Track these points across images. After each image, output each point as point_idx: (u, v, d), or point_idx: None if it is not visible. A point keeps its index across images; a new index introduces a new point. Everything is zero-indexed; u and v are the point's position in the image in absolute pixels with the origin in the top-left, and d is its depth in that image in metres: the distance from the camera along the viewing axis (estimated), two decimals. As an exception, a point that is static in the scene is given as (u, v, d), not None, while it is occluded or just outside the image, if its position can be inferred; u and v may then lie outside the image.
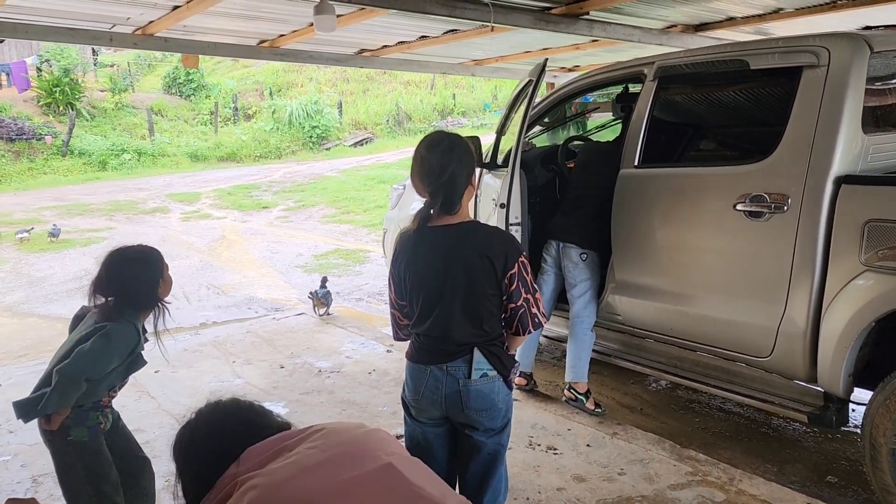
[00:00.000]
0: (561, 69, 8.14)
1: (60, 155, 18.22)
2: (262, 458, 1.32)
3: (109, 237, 10.49)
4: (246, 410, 1.49)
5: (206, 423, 1.45)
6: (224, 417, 1.46)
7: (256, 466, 1.29)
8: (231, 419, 1.45)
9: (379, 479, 1.28)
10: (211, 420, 1.45)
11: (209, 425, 1.44)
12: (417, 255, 2.17)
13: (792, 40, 3.19)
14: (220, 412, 1.47)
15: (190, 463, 1.41)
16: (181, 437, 1.45)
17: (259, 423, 1.45)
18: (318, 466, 1.27)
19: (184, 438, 1.44)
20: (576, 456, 3.43)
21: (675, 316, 3.56)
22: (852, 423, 3.37)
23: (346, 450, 1.34)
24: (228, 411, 1.48)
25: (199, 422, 1.46)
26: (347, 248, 9.59)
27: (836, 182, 2.88)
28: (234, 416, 1.46)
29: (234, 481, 1.28)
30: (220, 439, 1.40)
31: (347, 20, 4.92)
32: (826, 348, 2.92)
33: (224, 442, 1.39)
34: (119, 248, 2.45)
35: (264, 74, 25.86)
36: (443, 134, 2.21)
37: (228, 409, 1.48)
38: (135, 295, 2.37)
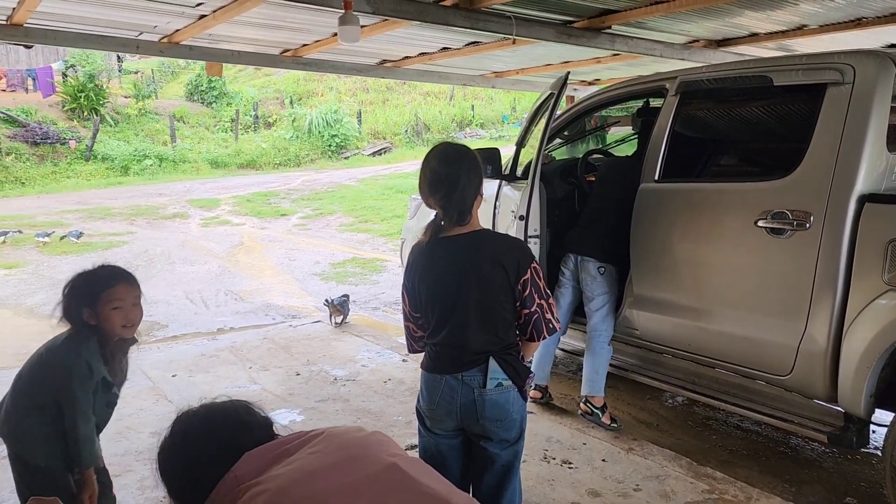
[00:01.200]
0: (581, 82, 8.15)
1: (84, 159, 18.47)
2: (261, 463, 1.30)
3: (130, 241, 10.61)
4: (236, 410, 1.45)
5: (200, 423, 1.41)
6: (217, 418, 1.42)
7: (256, 472, 1.28)
8: (224, 420, 1.42)
9: (386, 479, 1.28)
10: (205, 420, 1.41)
11: (204, 425, 1.40)
12: (431, 267, 2.18)
13: (816, 57, 3.17)
14: (213, 412, 1.44)
15: (183, 467, 1.37)
16: (173, 441, 1.40)
17: (249, 422, 1.43)
18: (323, 470, 1.27)
19: (174, 442, 1.39)
20: (591, 470, 3.41)
21: (693, 332, 3.54)
22: (873, 444, 3.32)
23: (349, 453, 1.33)
24: (221, 411, 1.45)
25: (190, 423, 1.41)
26: (364, 257, 9.62)
27: (860, 200, 2.86)
28: (226, 417, 1.43)
29: (237, 488, 1.26)
30: (214, 441, 1.37)
31: (370, 31, 4.96)
32: (847, 368, 2.89)
33: (219, 444, 1.36)
34: (101, 264, 2.36)
35: (285, 83, 26.10)
36: (450, 145, 2.23)
37: (220, 409, 1.45)
38: (66, 309, 2.26)
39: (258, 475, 1.27)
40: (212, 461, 1.33)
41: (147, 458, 3.58)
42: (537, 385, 4.16)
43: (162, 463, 1.39)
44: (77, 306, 2.24)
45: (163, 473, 1.39)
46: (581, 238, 3.99)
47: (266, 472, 1.27)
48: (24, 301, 7.35)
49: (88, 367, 2.24)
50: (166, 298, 7.33)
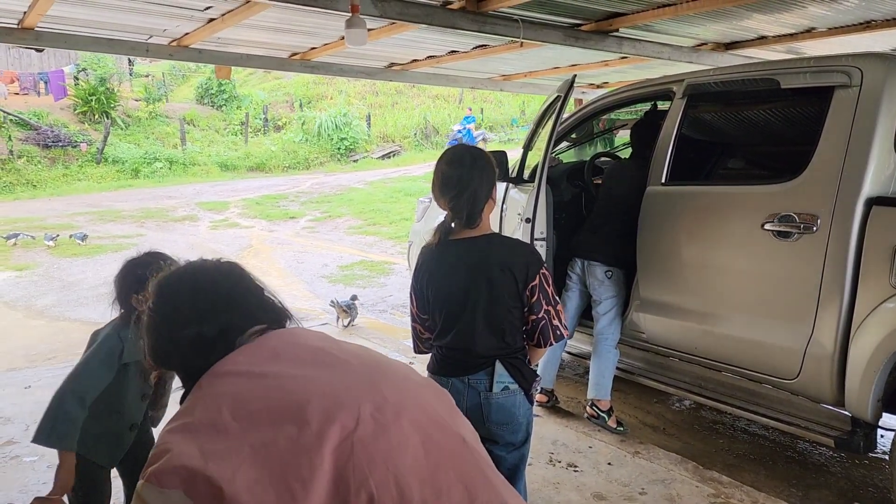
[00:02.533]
0: (589, 85, 8.15)
1: (95, 162, 18.59)
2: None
3: (140, 243, 10.66)
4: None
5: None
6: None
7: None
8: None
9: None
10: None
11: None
12: (440, 269, 2.19)
13: (824, 60, 3.16)
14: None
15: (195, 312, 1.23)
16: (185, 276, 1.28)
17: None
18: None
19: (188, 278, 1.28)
20: (596, 474, 3.40)
21: (700, 335, 3.53)
22: (881, 448, 3.30)
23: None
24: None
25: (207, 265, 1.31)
26: (372, 259, 9.64)
27: (867, 203, 2.85)
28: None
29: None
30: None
31: (378, 34, 4.98)
32: (854, 372, 2.87)
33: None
34: (149, 250, 2.38)
35: (295, 86, 26.20)
36: (463, 148, 2.24)
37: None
38: (117, 296, 2.30)
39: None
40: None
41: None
42: (543, 389, 4.15)
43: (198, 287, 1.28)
44: (127, 292, 2.27)
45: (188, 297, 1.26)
46: (587, 242, 3.99)
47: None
48: (35, 303, 7.40)
49: (122, 346, 2.26)
50: (175, 300, 7.35)
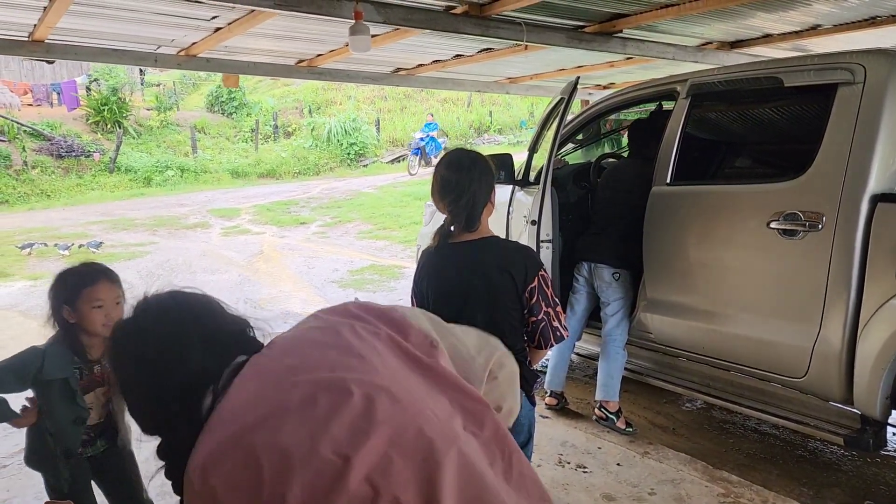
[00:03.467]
0: (596, 86, 8.15)
1: (108, 171, 18.74)
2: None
3: (152, 251, 10.75)
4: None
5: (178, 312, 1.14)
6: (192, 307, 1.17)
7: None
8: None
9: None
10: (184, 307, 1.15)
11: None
12: (439, 272, 2.21)
13: (827, 57, 3.16)
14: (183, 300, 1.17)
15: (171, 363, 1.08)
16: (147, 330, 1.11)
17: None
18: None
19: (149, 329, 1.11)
20: (605, 475, 3.41)
21: (707, 335, 3.52)
22: (892, 446, 3.28)
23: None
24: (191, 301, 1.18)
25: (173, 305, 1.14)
26: (383, 263, 9.66)
27: (873, 200, 2.84)
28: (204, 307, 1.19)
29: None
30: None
31: (382, 40, 5.01)
32: (862, 370, 2.87)
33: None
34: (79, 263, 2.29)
35: (304, 93, 26.31)
36: (462, 152, 2.25)
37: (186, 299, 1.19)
38: (51, 310, 2.19)
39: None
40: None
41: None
42: (553, 391, 4.16)
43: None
44: (58, 304, 2.16)
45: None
46: (593, 245, 3.99)
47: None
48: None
49: (41, 361, 2.14)
50: (187, 307, 7.41)
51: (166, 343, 1.09)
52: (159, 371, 1.07)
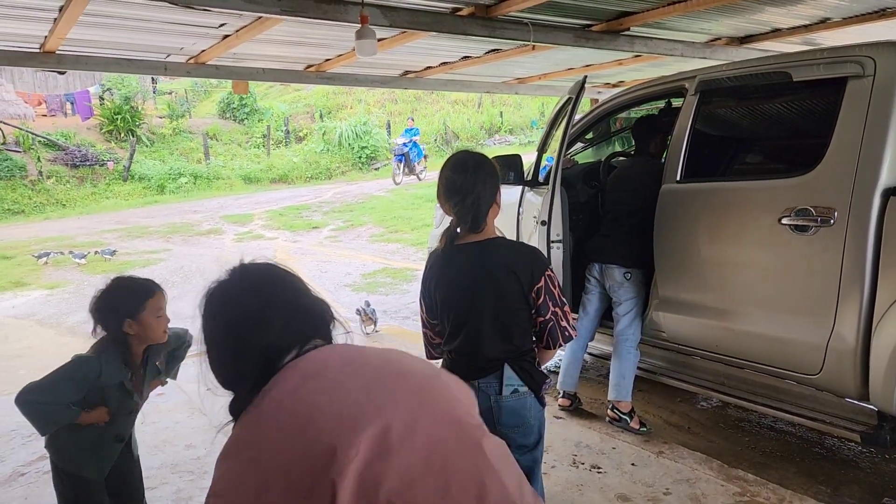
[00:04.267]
0: (605, 85, 8.12)
1: (122, 180, 18.92)
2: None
3: (166, 258, 10.83)
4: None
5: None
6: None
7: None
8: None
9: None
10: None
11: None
12: (446, 274, 2.21)
13: (835, 50, 3.13)
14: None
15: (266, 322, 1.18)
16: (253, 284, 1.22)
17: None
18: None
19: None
20: (620, 475, 3.39)
21: (720, 332, 3.50)
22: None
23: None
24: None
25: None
26: (395, 266, 9.68)
27: (885, 194, 2.81)
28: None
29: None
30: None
31: (389, 43, 5.02)
32: (878, 365, 2.83)
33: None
34: (118, 276, 2.41)
35: (315, 97, 26.42)
36: (467, 154, 2.25)
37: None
38: (104, 324, 2.33)
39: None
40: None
41: (182, 471, 3.67)
42: (566, 392, 4.14)
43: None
44: (119, 318, 2.30)
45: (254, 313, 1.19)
46: (603, 245, 3.98)
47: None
48: (66, 320, 7.56)
49: (99, 370, 2.29)
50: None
51: (254, 309, 1.18)
52: (243, 333, 1.17)
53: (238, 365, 1.17)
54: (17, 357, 6.16)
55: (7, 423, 4.29)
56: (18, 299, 8.76)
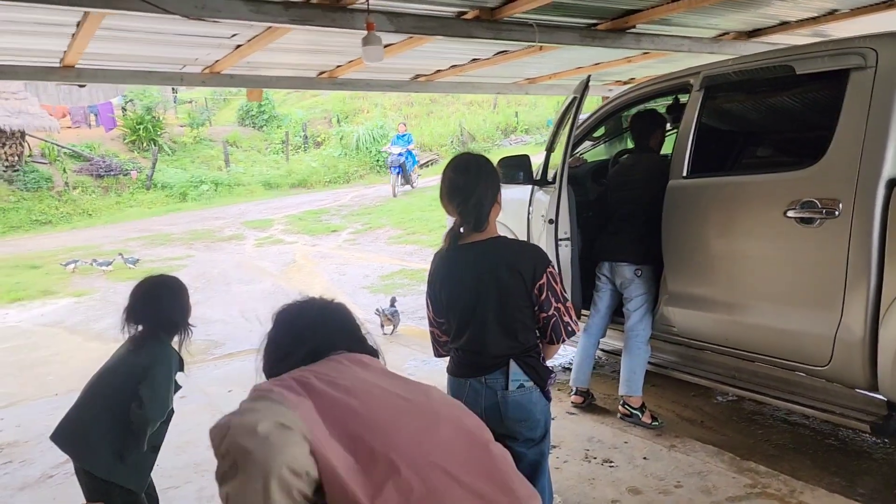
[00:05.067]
0: (616, 82, 8.12)
1: (145, 188, 19.23)
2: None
3: (189, 264, 11.01)
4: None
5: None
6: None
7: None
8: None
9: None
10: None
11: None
12: (451, 273, 2.27)
13: (838, 43, 3.15)
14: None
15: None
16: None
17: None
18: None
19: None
20: (632, 469, 3.42)
21: (729, 326, 3.52)
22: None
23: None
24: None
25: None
26: (412, 268, 9.75)
27: (889, 185, 2.83)
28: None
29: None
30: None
31: (398, 48, 5.09)
32: (886, 355, 2.84)
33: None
34: (148, 278, 2.58)
35: (332, 103, 26.62)
36: (469, 156, 2.32)
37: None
38: (169, 320, 2.50)
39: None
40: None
41: (204, 470, 3.76)
42: (578, 389, 4.16)
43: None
44: (185, 306, 2.54)
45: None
46: (611, 244, 4.00)
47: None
48: (93, 327, 7.73)
49: (181, 360, 2.51)
50: (223, 318, 7.60)
51: (296, 329, 1.63)
52: (285, 343, 1.61)
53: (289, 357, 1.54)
54: (46, 364, 6.33)
55: (35, 427, 4.43)
56: (47, 307, 8.97)
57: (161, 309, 2.49)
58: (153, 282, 2.55)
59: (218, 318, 7.54)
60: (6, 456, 4.19)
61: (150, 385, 2.35)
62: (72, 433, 2.47)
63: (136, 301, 2.49)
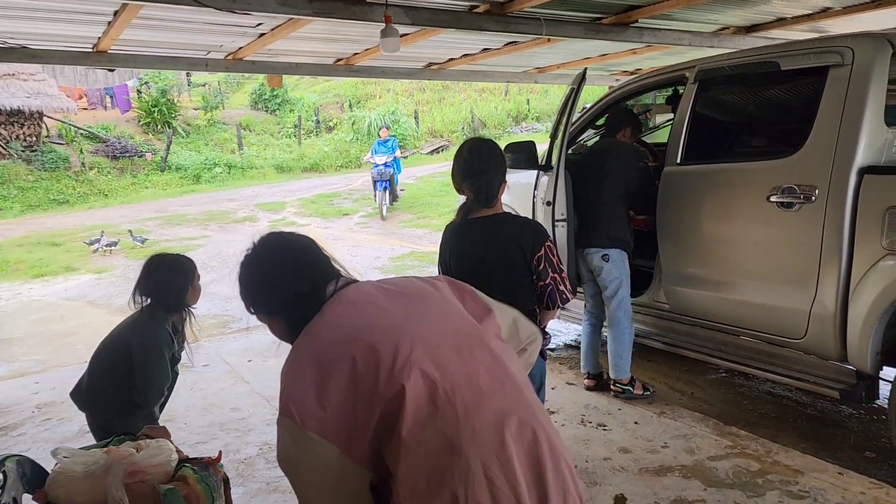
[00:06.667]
0: (623, 73, 8.36)
1: (159, 170, 19.54)
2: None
3: (205, 244, 11.35)
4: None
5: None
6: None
7: None
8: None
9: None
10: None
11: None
12: (460, 243, 2.59)
13: (819, 42, 3.41)
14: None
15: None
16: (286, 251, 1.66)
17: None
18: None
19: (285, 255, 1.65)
20: (624, 432, 3.72)
21: (717, 303, 3.80)
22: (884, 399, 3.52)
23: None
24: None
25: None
26: (422, 250, 10.05)
27: (860, 173, 3.09)
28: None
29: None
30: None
31: (413, 38, 5.36)
32: (854, 328, 3.12)
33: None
34: (158, 254, 2.73)
35: (344, 88, 26.82)
36: (480, 140, 2.65)
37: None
38: (166, 298, 2.62)
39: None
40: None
41: (229, 429, 4.09)
42: (590, 373, 4.29)
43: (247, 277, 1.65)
44: (185, 287, 2.65)
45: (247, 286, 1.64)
46: (581, 232, 4.08)
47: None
48: (115, 301, 8.07)
49: (171, 339, 2.64)
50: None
51: (271, 268, 1.63)
52: (298, 270, 1.62)
53: (297, 288, 1.57)
54: (74, 334, 6.68)
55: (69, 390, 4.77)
56: (70, 283, 9.33)
57: (157, 286, 2.61)
58: (156, 259, 2.68)
59: (235, 295, 7.77)
60: (45, 414, 4.53)
61: (143, 375, 2.55)
62: (86, 399, 2.74)
63: (140, 276, 2.65)
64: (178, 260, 2.70)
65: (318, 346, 1.44)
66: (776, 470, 3.19)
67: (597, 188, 4.02)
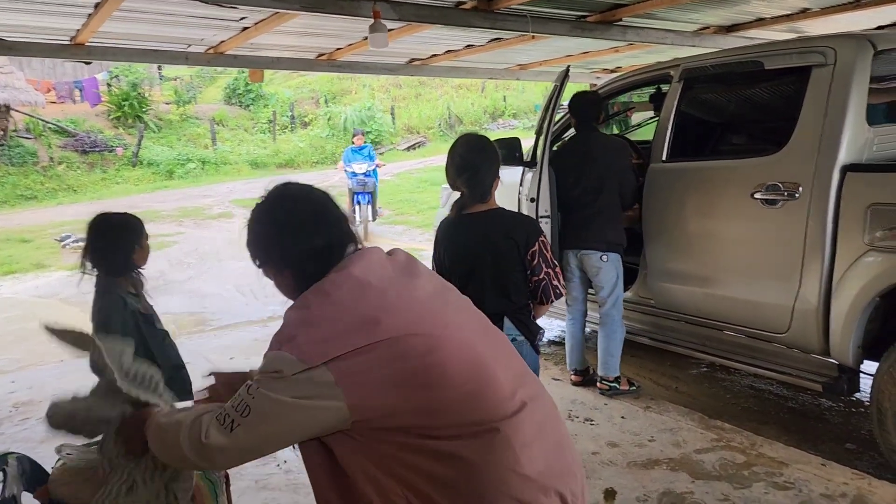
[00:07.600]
0: (604, 70, 8.42)
1: (131, 165, 19.24)
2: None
3: (180, 241, 11.21)
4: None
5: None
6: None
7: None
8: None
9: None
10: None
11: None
12: (455, 238, 2.60)
13: (802, 42, 3.48)
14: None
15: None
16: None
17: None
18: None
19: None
20: (611, 426, 3.76)
21: (701, 298, 3.86)
22: (865, 391, 3.60)
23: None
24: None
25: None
26: (402, 247, 10.03)
27: (843, 170, 3.16)
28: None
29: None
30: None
31: (398, 34, 5.35)
32: (836, 322, 3.20)
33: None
34: (102, 214, 2.47)
35: (319, 83, 26.62)
36: (475, 136, 2.67)
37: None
38: (114, 261, 2.42)
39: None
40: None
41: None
42: (577, 370, 4.32)
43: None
44: (130, 248, 2.44)
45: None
46: (574, 234, 4.07)
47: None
48: (88, 299, 7.91)
49: (123, 301, 2.43)
50: (218, 292, 7.85)
51: (287, 217, 1.54)
52: (282, 233, 1.53)
53: (314, 242, 1.50)
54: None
55: (46, 389, 4.69)
56: (40, 280, 9.16)
57: (106, 247, 2.42)
58: (101, 219, 2.46)
59: (213, 293, 7.79)
60: (23, 413, 4.45)
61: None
62: None
63: (87, 238, 2.44)
64: (125, 218, 2.51)
65: (346, 296, 1.40)
66: (761, 462, 3.24)
67: (593, 187, 3.98)
